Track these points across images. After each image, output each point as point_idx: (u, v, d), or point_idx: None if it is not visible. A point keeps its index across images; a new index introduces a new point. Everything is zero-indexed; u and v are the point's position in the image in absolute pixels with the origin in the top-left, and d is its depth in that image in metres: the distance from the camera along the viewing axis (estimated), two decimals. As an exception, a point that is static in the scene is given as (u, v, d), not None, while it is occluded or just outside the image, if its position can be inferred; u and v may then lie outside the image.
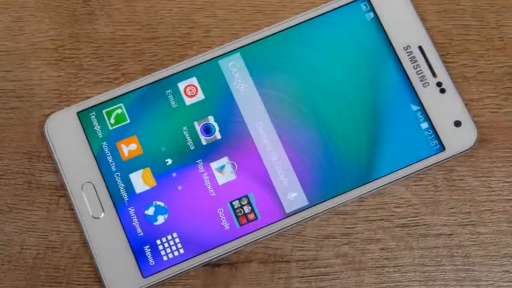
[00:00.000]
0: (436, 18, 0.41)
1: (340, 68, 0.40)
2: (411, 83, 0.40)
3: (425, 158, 0.39)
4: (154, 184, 0.39)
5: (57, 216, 0.39)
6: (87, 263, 0.39)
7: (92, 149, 0.39)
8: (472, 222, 0.39)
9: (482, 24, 0.41)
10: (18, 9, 0.41)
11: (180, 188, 0.39)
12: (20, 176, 0.40)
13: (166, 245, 0.38)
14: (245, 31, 0.41)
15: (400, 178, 0.39)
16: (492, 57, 0.41)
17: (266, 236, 0.38)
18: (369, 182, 0.39)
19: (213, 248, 0.38)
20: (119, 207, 0.38)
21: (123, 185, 0.39)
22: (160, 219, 0.38)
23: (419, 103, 0.39)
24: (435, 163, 0.39)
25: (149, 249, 0.38)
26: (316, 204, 0.38)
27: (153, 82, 0.40)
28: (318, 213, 0.38)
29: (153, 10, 0.41)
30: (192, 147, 0.39)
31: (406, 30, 0.40)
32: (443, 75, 0.40)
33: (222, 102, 0.39)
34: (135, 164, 0.39)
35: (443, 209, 0.39)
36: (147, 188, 0.39)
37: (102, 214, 0.38)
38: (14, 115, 0.40)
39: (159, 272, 0.38)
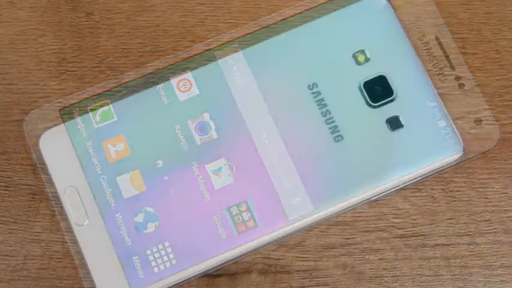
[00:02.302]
0: (454, 6, 0.41)
1: (348, 60, 0.39)
2: (427, 77, 0.39)
3: (443, 158, 0.38)
4: (144, 188, 0.38)
5: (37, 223, 0.39)
6: (70, 274, 0.38)
7: (75, 150, 0.38)
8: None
9: (504, 13, 0.41)
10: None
11: (172, 192, 0.38)
12: (-4, 180, 0.40)
13: (157, 255, 0.37)
14: (244, 20, 0.40)
15: (416, 179, 0.38)
16: (516, 49, 0.41)
17: (267, 244, 0.38)
18: (380, 185, 0.38)
19: (209, 259, 0.37)
20: (105, 213, 0.38)
21: (109, 189, 0.38)
22: (151, 227, 0.38)
23: (436, 99, 0.39)
24: (453, 164, 0.38)
25: (138, 260, 0.37)
26: (322, 210, 0.38)
27: (143, 76, 0.39)
28: (324, 220, 0.38)
29: (143, -3, 0.42)
30: (186, 148, 0.38)
31: (421, 18, 0.40)
32: (462, 68, 0.39)
33: (218, 98, 0.39)
34: (122, 166, 0.38)
35: (460, 217, 0.39)
36: (135, 192, 0.38)
37: (87, 221, 0.38)
38: (-10, 112, 0.41)
39: (149, 285, 0.37)
